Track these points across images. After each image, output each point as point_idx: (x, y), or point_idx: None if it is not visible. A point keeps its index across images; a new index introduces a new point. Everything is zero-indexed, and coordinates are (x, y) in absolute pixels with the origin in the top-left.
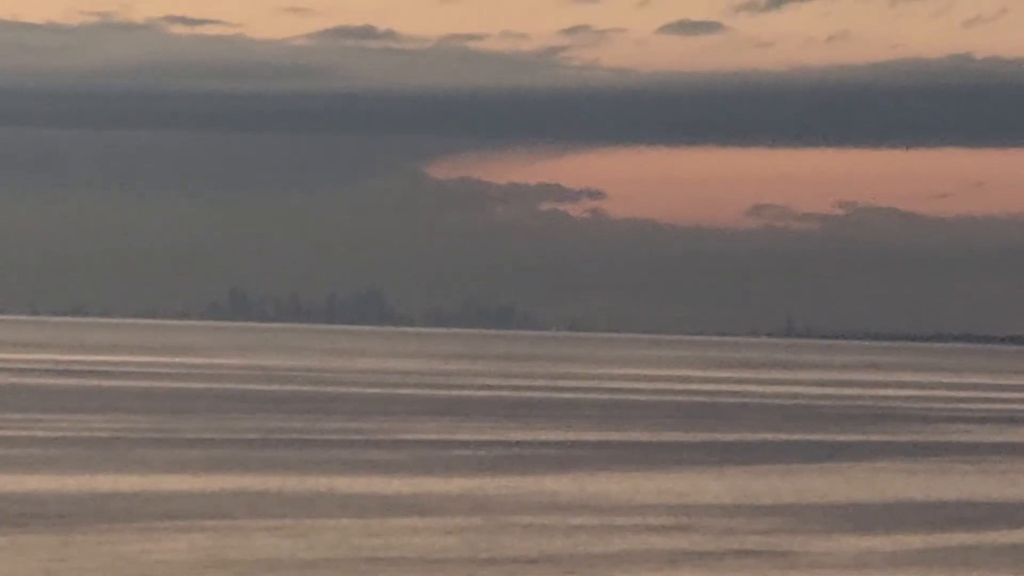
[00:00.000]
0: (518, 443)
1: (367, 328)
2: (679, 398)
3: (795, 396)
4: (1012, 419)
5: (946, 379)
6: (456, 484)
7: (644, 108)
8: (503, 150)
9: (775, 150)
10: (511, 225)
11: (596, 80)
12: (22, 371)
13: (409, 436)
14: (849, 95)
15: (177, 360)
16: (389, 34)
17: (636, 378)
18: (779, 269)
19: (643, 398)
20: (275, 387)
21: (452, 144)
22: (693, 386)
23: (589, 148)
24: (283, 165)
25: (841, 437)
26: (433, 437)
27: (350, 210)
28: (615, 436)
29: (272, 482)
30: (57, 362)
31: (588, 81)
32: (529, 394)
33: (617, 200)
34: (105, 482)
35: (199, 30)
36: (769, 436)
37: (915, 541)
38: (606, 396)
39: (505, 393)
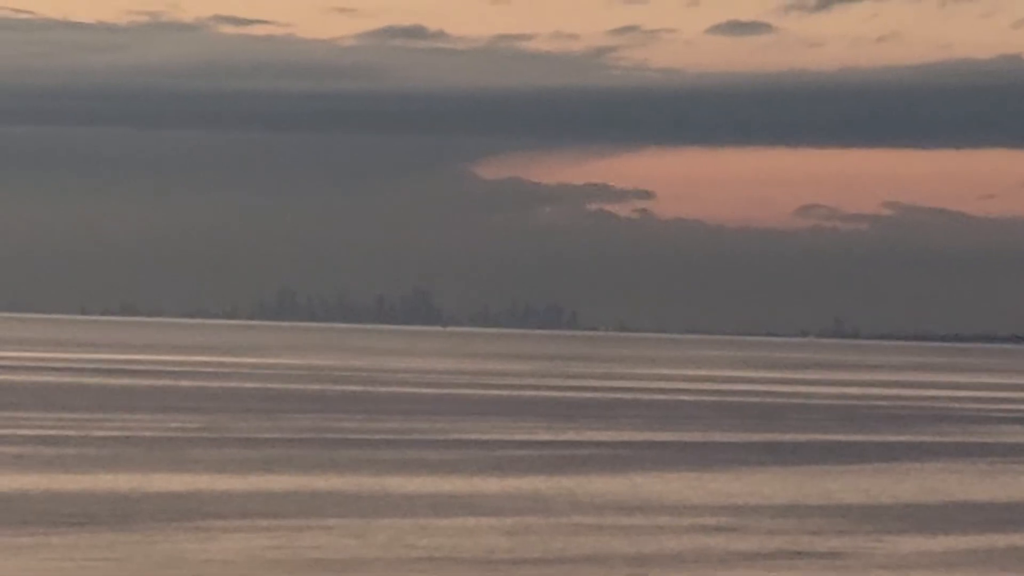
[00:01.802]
0: (570, 443)
1: (415, 328)
2: (729, 399)
3: (844, 397)
4: None
5: (996, 380)
6: (509, 484)
7: (693, 108)
8: (551, 150)
9: (824, 150)
10: (559, 225)
11: (645, 80)
12: (73, 371)
13: (461, 436)
14: (898, 95)
15: (228, 359)
16: (439, 34)
17: (685, 378)
18: (827, 269)
19: (693, 399)
20: (327, 387)
21: (501, 144)
22: (743, 386)
23: (638, 148)
24: (331, 165)
25: (891, 438)
26: (485, 437)
27: (398, 210)
28: (666, 436)
29: (325, 482)
30: (108, 361)
31: (637, 81)
32: (579, 394)
33: (665, 200)
34: (158, 481)
35: (248, 30)
36: (819, 437)
37: (967, 542)
38: (656, 396)
39: (555, 393)
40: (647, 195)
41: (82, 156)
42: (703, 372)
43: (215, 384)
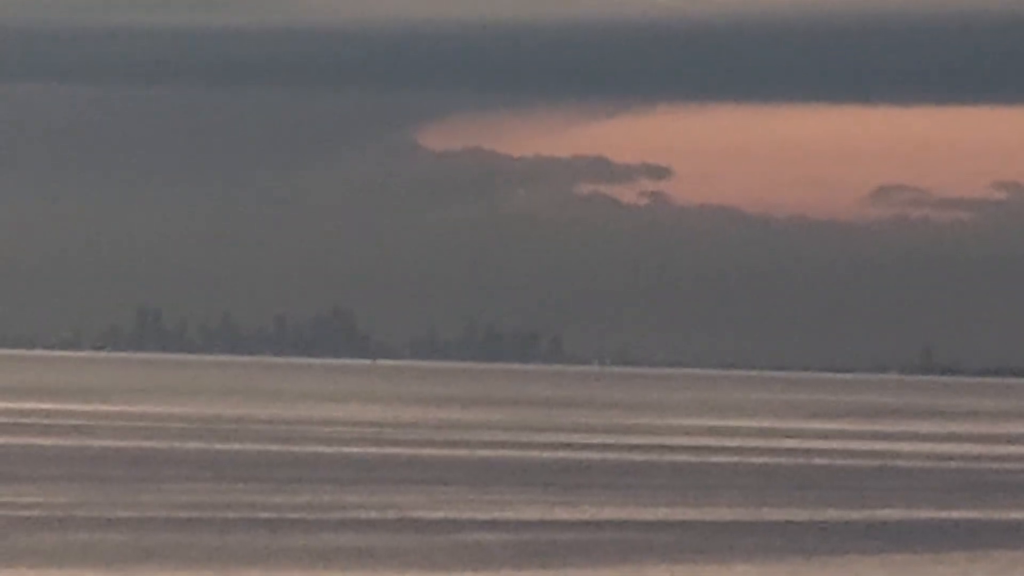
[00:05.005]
0: (558, 524)
1: (332, 362)
2: (780, 460)
3: (941, 457)
4: None
5: None
6: None
7: (725, 50)
8: (525, 109)
9: (910, 109)
10: (536, 215)
11: (656, 9)
12: None
13: (405, 514)
14: (1015, 32)
15: (72, 407)
16: None
17: (717, 432)
18: (913, 278)
19: (728, 460)
20: (214, 445)
21: (454, 101)
22: (797, 443)
23: (647, 107)
24: (212, 134)
25: (1011, 514)
26: (439, 516)
27: (307, 197)
28: (692, 515)
29: None
30: None
31: (646, 10)
32: (568, 455)
33: (686, 180)
34: None
35: None
36: (908, 514)
37: None
38: (677, 457)
39: (534, 454)
40: (661, 172)
41: None
42: (741, 423)
43: (56, 442)
